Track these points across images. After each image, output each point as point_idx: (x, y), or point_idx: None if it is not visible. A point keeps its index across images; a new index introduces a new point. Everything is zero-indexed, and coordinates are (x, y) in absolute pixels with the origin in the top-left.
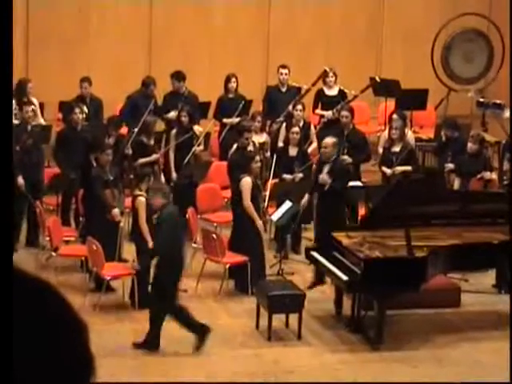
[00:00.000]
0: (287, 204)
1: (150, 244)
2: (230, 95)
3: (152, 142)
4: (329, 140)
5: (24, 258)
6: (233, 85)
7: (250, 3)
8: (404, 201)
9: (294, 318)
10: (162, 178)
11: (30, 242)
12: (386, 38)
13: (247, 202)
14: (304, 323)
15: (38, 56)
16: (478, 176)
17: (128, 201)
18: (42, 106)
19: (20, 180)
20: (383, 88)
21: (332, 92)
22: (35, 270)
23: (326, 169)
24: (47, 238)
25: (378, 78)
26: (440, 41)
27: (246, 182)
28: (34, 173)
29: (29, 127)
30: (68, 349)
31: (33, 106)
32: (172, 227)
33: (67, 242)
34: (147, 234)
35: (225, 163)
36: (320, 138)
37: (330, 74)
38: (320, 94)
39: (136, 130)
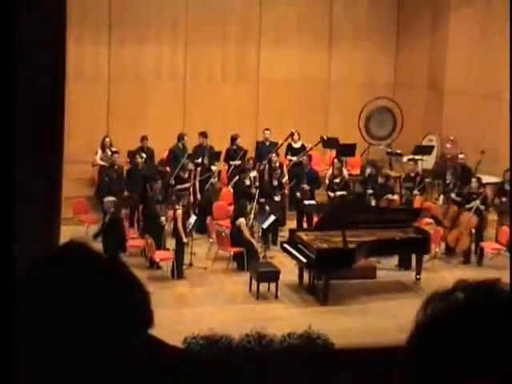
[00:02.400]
0: (272, 217)
1: (184, 239)
2: (234, 147)
3: (186, 176)
4: None
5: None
6: (235, 141)
7: (245, 89)
8: (341, 213)
9: (273, 286)
10: (192, 199)
11: None
12: (331, 113)
13: (239, 221)
14: (279, 289)
15: (115, 122)
16: (385, 197)
17: (170, 213)
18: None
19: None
20: (328, 143)
21: (297, 145)
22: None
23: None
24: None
25: (325, 137)
26: (363, 114)
27: (241, 221)
28: (118, 193)
29: (115, 166)
30: (134, 300)
31: (116, 155)
32: None
33: (132, 238)
34: (182, 233)
35: (230, 189)
36: (289, 174)
37: (295, 135)
38: (289, 147)
39: (177, 169)
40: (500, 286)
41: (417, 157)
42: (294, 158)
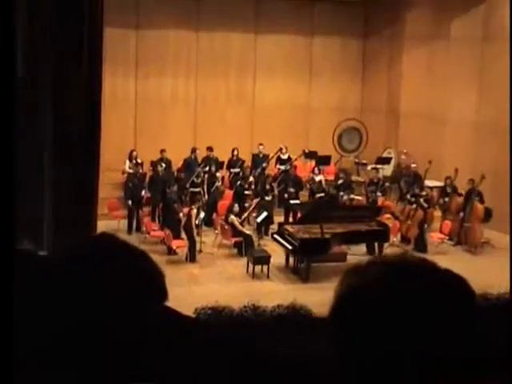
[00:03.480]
0: (264, 213)
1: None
2: (234, 158)
3: (199, 181)
4: None
5: (134, 238)
6: (235, 153)
7: (243, 112)
8: (319, 210)
9: (265, 268)
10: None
11: (137, 230)
12: (311, 131)
13: (231, 218)
14: (270, 270)
15: (140, 138)
16: (351, 197)
17: (185, 210)
18: (142, 163)
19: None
20: (309, 155)
21: (284, 157)
22: (138, 244)
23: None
24: (144, 228)
25: (306, 150)
26: (336, 132)
27: (232, 218)
28: (138, 196)
29: (138, 174)
30: (152, 278)
31: (139, 165)
32: None
33: (154, 230)
34: (194, 228)
35: (231, 191)
36: (278, 180)
37: (284, 149)
38: (278, 158)
39: (193, 176)
40: (407, 261)
41: (378, 166)
42: (283, 167)
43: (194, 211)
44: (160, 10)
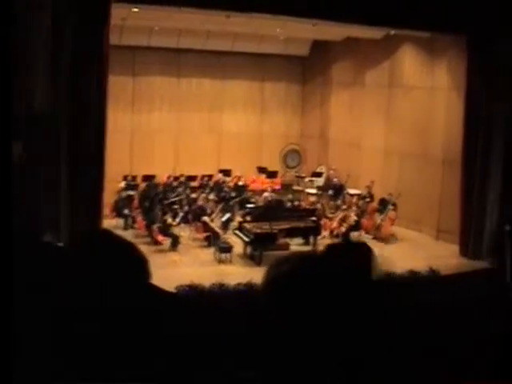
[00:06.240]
0: (227, 215)
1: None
2: (204, 175)
3: (176, 197)
4: None
5: (129, 233)
6: (205, 178)
7: (213, 139)
8: (269, 211)
9: (229, 255)
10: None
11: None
12: (263, 153)
13: (203, 218)
14: (232, 257)
15: (135, 159)
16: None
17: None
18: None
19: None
20: (261, 170)
21: (241, 182)
22: (132, 237)
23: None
24: (137, 225)
25: (259, 166)
26: (282, 153)
27: (204, 218)
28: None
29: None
30: (136, 264)
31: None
32: None
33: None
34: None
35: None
36: (237, 191)
37: (242, 177)
38: (237, 177)
39: (174, 195)
40: (320, 259)
41: (313, 178)
42: (240, 183)
43: (169, 220)
44: (150, 61)
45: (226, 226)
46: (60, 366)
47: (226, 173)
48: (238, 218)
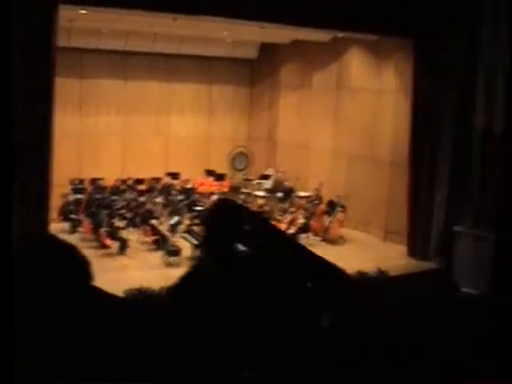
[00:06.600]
0: (176, 218)
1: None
2: (151, 179)
3: (125, 203)
4: None
5: (75, 236)
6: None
7: (161, 142)
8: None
9: (177, 258)
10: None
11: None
12: (212, 155)
13: (152, 222)
14: (180, 260)
15: (83, 162)
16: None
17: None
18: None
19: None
20: (209, 173)
21: (188, 186)
22: (79, 241)
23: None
24: (82, 229)
25: (207, 169)
26: (230, 156)
27: (153, 222)
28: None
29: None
30: (80, 265)
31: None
32: None
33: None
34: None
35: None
36: (186, 194)
37: (189, 180)
38: (185, 180)
39: (121, 199)
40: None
41: (262, 181)
42: (188, 186)
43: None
44: (97, 64)
45: (174, 229)
46: (60, 366)
47: (174, 176)
48: (187, 221)
